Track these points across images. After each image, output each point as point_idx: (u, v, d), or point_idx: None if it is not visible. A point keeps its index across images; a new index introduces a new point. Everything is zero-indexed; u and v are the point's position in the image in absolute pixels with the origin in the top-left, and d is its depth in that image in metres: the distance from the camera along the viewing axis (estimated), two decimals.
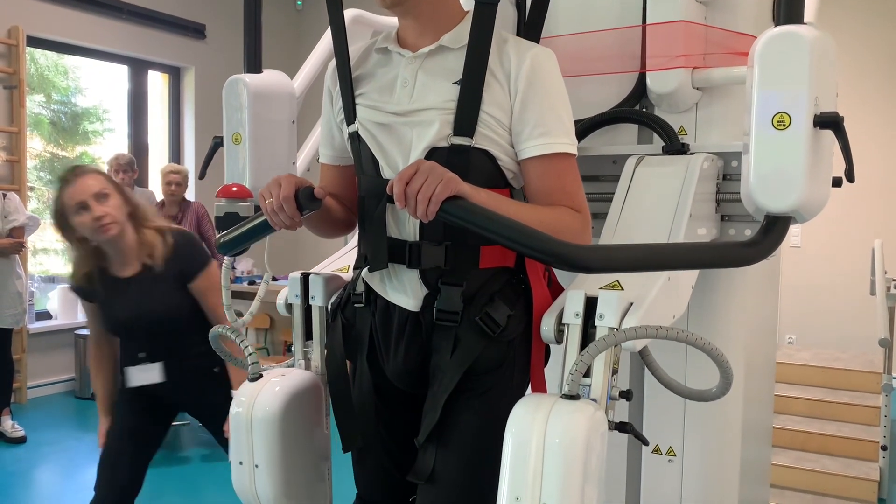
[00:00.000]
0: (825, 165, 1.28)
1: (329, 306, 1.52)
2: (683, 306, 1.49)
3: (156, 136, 6.30)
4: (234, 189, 1.50)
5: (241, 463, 1.45)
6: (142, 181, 5.87)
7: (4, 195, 4.26)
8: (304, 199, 1.26)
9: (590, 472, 1.14)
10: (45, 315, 5.53)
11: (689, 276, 1.55)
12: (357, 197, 1.43)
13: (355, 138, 1.37)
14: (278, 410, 1.44)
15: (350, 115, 1.37)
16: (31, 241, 5.49)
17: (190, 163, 5.95)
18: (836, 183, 1.68)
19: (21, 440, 4.25)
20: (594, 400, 1.26)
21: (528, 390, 1.42)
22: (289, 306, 1.62)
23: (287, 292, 1.62)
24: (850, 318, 5.44)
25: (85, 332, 5.35)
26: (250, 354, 1.50)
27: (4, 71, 4.95)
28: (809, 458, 3.70)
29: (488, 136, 1.29)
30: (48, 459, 4.04)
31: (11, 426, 4.30)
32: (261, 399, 1.45)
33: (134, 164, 5.28)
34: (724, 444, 1.88)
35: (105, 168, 5.36)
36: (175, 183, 4.95)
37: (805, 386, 4.17)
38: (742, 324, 1.88)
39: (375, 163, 1.34)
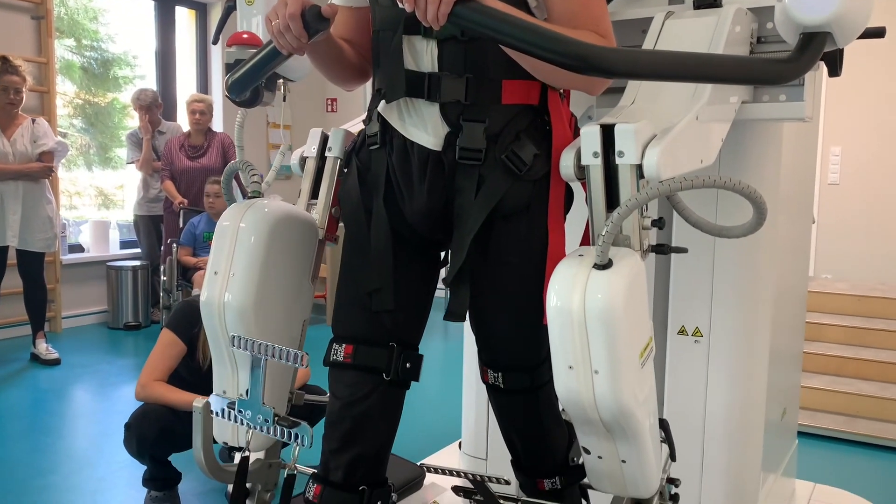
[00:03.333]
0: None
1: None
2: (712, 156, 1.42)
3: (183, 72, 6.29)
4: (245, 36, 1.46)
5: (215, 273, 1.41)
6: (170, 116, 5.89)
7: (34, 120, 4.28)
8: (312, 18, 1.21)
9: (634, 325, 1.14)
10: (77, 248, 5.60)
11: (719, 127, 1.48)
12: (371, 36, 1.38)
13: None
14: (267, 225, 1.40)
15: None
16: (64, 186, 5.57)
17: (217, 98, 5.93)
18: (878, 33, 1.58)
19: (55, 362, 4.33)
20: (627, 237, 1.22)
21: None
22: (302, 162, 1.60)
23: (304, 148, 1.59)
24: (889, 257, 5.28)
25: (116, 263, 5.43)
26: (254, 175, 1.47)
27: (32, 0, 4.95)
28: (843, 382, 3.62)
29: None
30: (81, 379, 4.12)
31: (46, 349, 4.38)
32: (251, 211, 1.42)
33: (158, 99, 5.29)
34: (753, 325, 1.82)
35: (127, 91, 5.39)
36: (199, 112, 4.94)
37: (841, 315, 4.07)
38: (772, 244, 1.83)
39: None
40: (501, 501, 1.50)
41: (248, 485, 1.53)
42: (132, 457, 2.42)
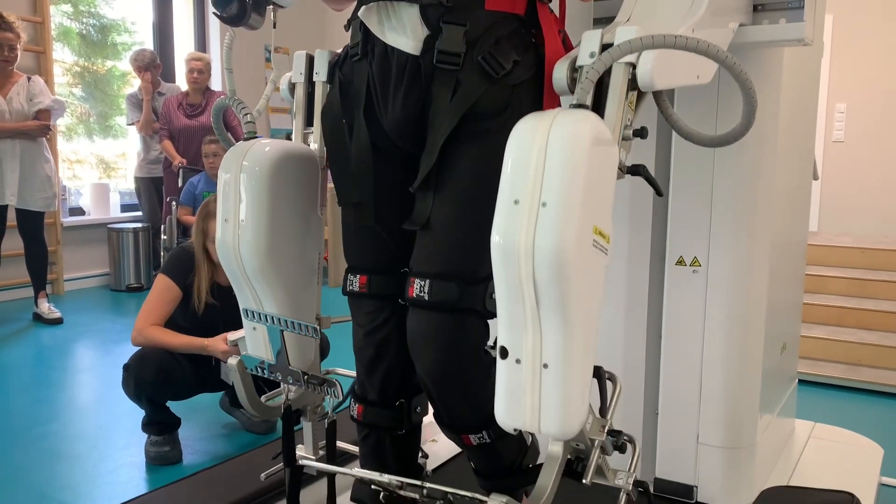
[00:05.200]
0: None
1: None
2: (708, 75, 1.40)
3: (181, 35, 6.22)
4: None
5: (226, 220, 1.41)
6: (169, 77, 5.84)
7: (29, 78, 4.25)
8: None
9: (594, 184, 1.05)
10: (78, 211, 5.60)
11: None
12: None
13: None
14: (268, 165, 1.39)
15: None
16: (65, 155, 5.54)
17: (215, 57, 5.87)
18: None
19: (57, 321, 4.35)
20: None
21: None
22: (292, 88, 1.58)
23: (291, 74, 1.57)
24: (894, 214, 5.24)
25: (117, 226, 5.42)
26: (246, 114, 1.45)
27: None
28: (845, 332, 3.61)
29: None
30: (83, 337, 4.13)
31: (48, 308, 4.39)
32: (252, 153, 1.40)
33: (157, 60, 5.24)
34: (752, 254, 1.81)
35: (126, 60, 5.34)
36: (197, 70, 4.90)
37: (844, 267, 4.05)
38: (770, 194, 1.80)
39: None
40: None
41: (297, 408, 1.60)
42: (130, 398, 2.43)
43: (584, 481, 1.19)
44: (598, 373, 1.19)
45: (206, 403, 2.83)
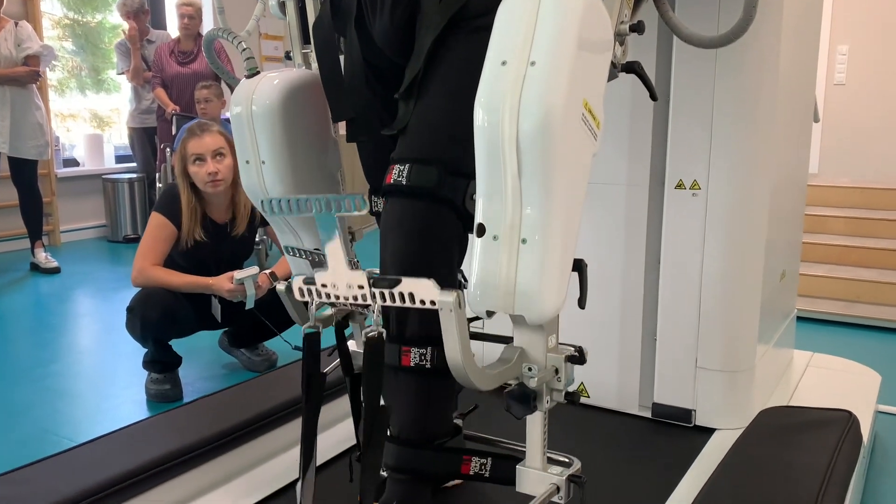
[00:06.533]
0: None
1: None
2: None
3: None
4: None
5: (247, 162, 1.39)
6: (161, 24, 5.73)
7: (16, 24, 4.16)
8: None
9: (587, 49, 1.00)
10: (72, 162, 5.54)
11: None
12: None
13: None
14: (278, 101, 1.36)
15: None
16: (59, 108, 5.45)
17: (206, 2, 5.75)
18: None
19: (55, 270, 4.33)
20: None
21: None
22: (282, 6, 1.53)
23: None
24: (894, 158, 5.19)
25: (112, 176, 5.38)
26: (245, 50, 1.42)
27: None
28: (844, 270, 3.62)
29: None
30: (81, 285, 4.13)
31: (45, 257, 4.38)
32: (259, 91, 1.36)
33: (145, 6, 5.13)
34: (753, 177, 1.79)
35: (116, 12, 5.24)
36: (188, 16, 4.80)
37: (844, 207, 4.05)
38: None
39: None
40: None
41: (345, 315, 1.55)
42: (134, 339, 2.43)
43: (531, 385, 1.09)
44: (579, 265, 1.10)
45: (205, 344, 2.84)
